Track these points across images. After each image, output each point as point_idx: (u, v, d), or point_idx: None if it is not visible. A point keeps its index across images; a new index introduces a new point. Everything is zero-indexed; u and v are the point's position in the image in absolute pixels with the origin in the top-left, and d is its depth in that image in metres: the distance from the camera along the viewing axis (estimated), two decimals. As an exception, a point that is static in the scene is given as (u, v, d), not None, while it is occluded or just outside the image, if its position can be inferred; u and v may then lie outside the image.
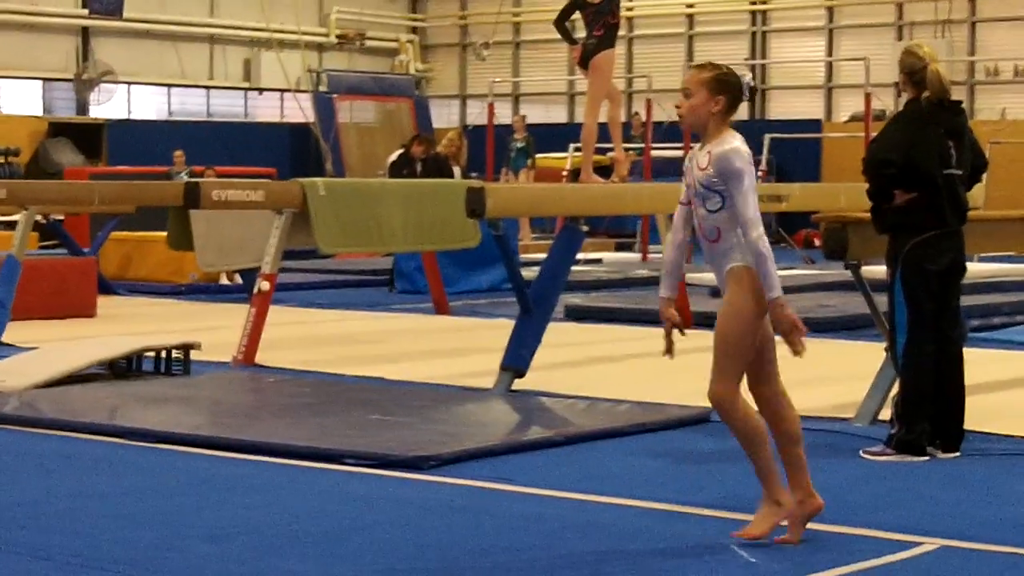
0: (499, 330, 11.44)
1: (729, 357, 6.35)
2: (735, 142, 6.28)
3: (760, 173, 26.24)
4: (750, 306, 6.26)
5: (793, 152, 29.41)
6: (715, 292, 16.81)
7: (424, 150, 21.71)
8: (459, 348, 13.13)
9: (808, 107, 34.92)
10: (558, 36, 14.11)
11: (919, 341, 8.23)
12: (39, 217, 16.29)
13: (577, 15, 13.89)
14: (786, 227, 27.28)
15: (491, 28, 36.97)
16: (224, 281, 18.81)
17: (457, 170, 21.05)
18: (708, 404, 9.46)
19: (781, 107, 35.46)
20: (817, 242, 26.22)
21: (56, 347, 11.73)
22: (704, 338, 13.37)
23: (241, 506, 7.04)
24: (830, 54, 34.85)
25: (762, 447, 6.33)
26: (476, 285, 18.32)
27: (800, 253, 25.03)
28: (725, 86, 6.35)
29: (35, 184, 19.44)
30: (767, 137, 27.44)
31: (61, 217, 19.15)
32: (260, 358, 11.94)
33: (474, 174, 23.76)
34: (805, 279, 18.54)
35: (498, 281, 17.90)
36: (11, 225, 20.25)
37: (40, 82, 33.40)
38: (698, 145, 6.42)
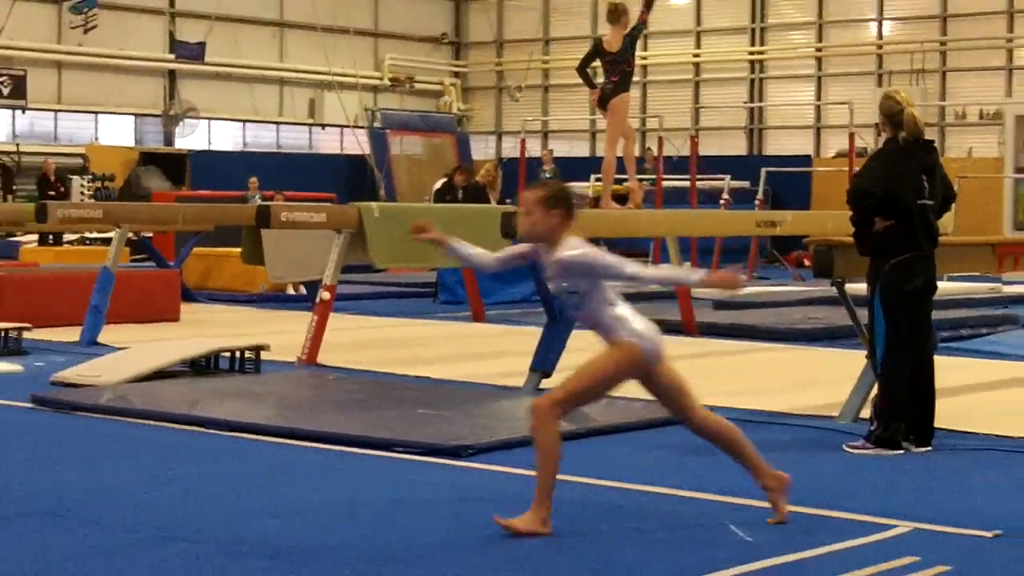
0: (529, 336, 11.45)
1: (581, 393, 6.25)
2: (576, 246, 6.15)
3: (757, 202, 26.15)
4: (618, 371, 6.18)
5: (786, 184, 29.31)
6: (718, 305, 16.82)
7: (465, 179, 21.73)
8: (494, 352, 13.13)
9: (799, 144, 34.86)
10: (581, 81, 14.12)
11: (896, 350, 8.22)
12: (131, 234, 16.33)
13: (597, 62, 13.93)
14: (780, 249, 27.23)
15: (523, 74, 37.01)
16: (290, 291, 18.85)
17: (493, 197, 21.07)
18: (708, 403, 9.49)
19: (776, 144, 35.42)
20: (807, 262, 26.11)
21: (145, 347, 11.75)
22: (706, 345, 13.43)
23: (303, 488, 7.05)
24: (819, 98, 34.79)
25: (550, 465, 6.18)
26: (509, 297, 18.31)
27: (792, 271, 24.95)
28: (557, 201, 6.23)
29: (128, 206, 19.53)
30: (764, 170, 27.31)
31: (150, 234, 19.20)
32: (321, 359, 11.95)
33: (508, 200, 23.75)
34: (796, 295, 18.50)
35: (528, 294, 17.87)
36: (107, 241, 20.32)
37: (133, 117, 33.52)
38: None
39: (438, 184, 22.58)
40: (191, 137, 34.16)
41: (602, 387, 6.26)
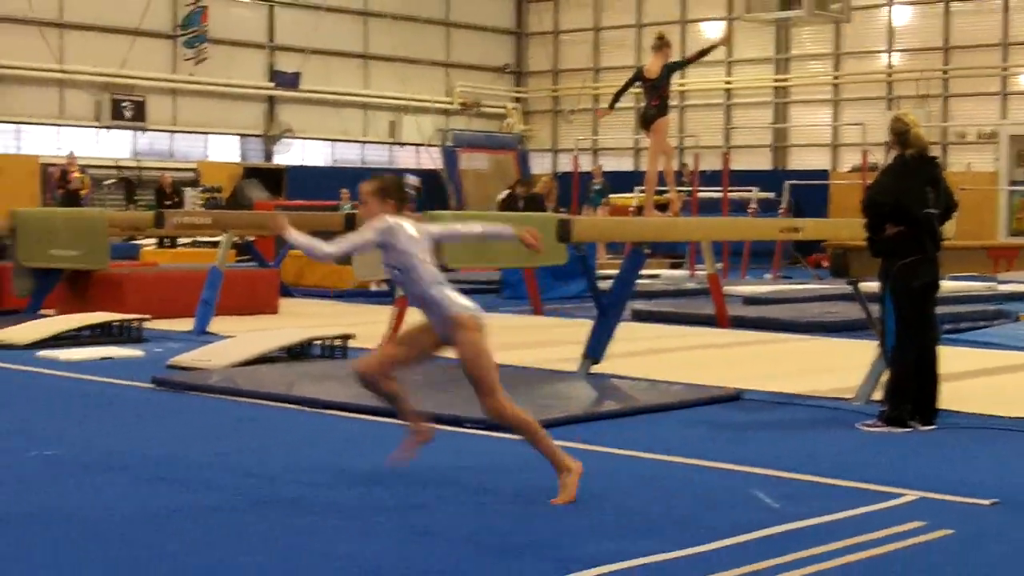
0: (581, 327, 11.43)
1: (486, 377, 6.14)
2: (399, 220, 6.18)
3: (781, 211, 26.00)
4: (477, 337, 6.13)
5: (807, 195, 29.10)
6: (748, 301, 16.75)
7: (525, 191, 21.73)
8: (550, 340, 13.12)
9: (818, 160, 34.63)
10: (628, 105, 14.11)
11: (904, 340, 8.16)
12: (236, 238, 16.43)
13: (637, 88, 13.94)
14: (802, 251, 27.06)
15: (576, 99, 36.96)
16: (373, 288, 18.88)
17: (549, 206, 21.05)
18: (738, 386, 9.47)
19: (798, 160, 35.20)
20: (825, 264, 25.99)
21: (248, 336, 11.81)
22: (737, 336, 13.35)
23: (376, 457, 7.05)
24: (835, 120, 34.59)
25: (538, 433, 6.13)
26: (564, 293, 18.28)
27: (812, 272, 24.79)
28: (389, 192, 6.27)
29: (233, 213, 19.62)
30: (787, 183, 27.16)
31: (253, 238, 19.29)
32: (400, 346, 11.95)
33: (562, 209, 23.72)
34: (815, 292, 18.39)
35: (581, 290, 17.85)
36: (215, 244, 20.44)
37: (238, 137, 33.70)
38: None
39: (502, 195, 22.60)
40: (287, 154, 34.30)
41: (484, 349, 6.15)
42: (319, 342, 11.46)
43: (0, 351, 11.63)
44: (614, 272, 11.91)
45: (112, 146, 31.02)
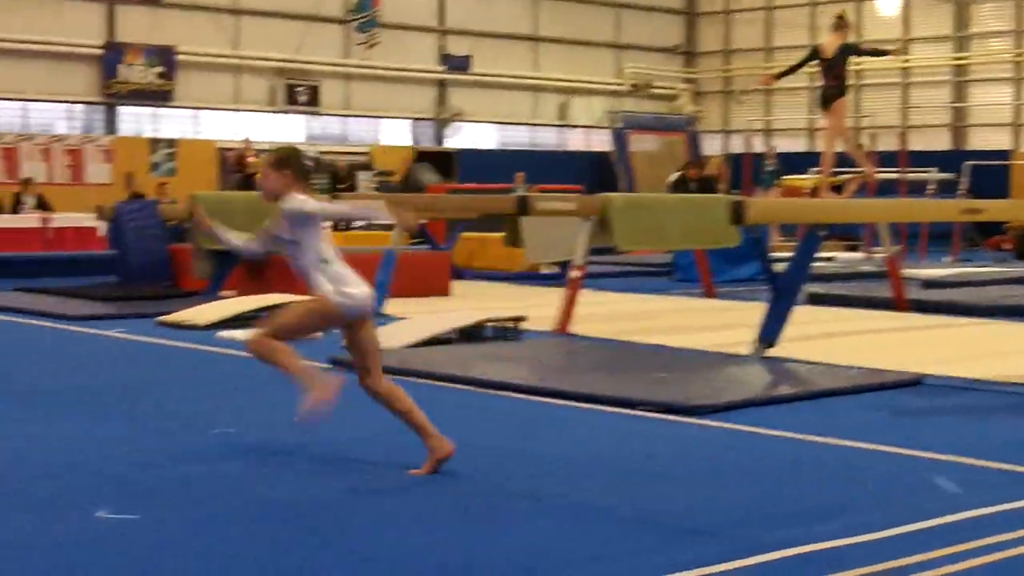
0: (754, 311, 11.33)
1: (283, 328, 6.33)
2: (297, 199, 6.19)
3: (961, 192, 25.44)
4: (311, 318, 6.33)
5: (987, 175, 28.41)
6: (927, 284, 16.44)
7: (696, 173, 21.60)
8: (722, 324, 13.02)
9: (1000, 140, 33.80)
10: (802, 85, 13.98)
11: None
12: (408, 221, 16.58)
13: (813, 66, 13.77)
14: (981, 233, 26.45)
15: (747, 79, 36.58)
16: (544, 270, 18.95)
17: (721, 188, 20.90)
18: (918, 371, 9.30)
19: (978, 140, 34.40)
20: (1006, 246, 25.38)
21: (422, 318, 11.94)
22: (916, 320, 13.10)
23: (557, 440, 7.10)
24: (1018, 98, 33.70)
25: (282, 353, 6.27)
26: (737, 275, 18.12)
27: (991, 254, 24.23)
28: (285, 163, 6.26)
29: (406, 196, 19.84)
30: (967, 164, 26.56)
31: (425, 221, 19.48)
32: (572, 329, 12.01)
33: (735, 191, 23.53)
34: (997, 275, 17.98)
35: (753, 273, 17.70)
36: (388, 227, 20.69)
37: (409, 121, 34.08)
38: None
39: (673, 177, 22.49)
40: (457, 137, 34.59)
41: (300, 327, 6.37)
42: (491, 324, 11.54)
43: (182, 331, 11.97)
44: (787, 255, 11.78)
45: (287, 130, 31.61)
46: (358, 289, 6.28)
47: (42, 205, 23.72)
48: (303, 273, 6.29)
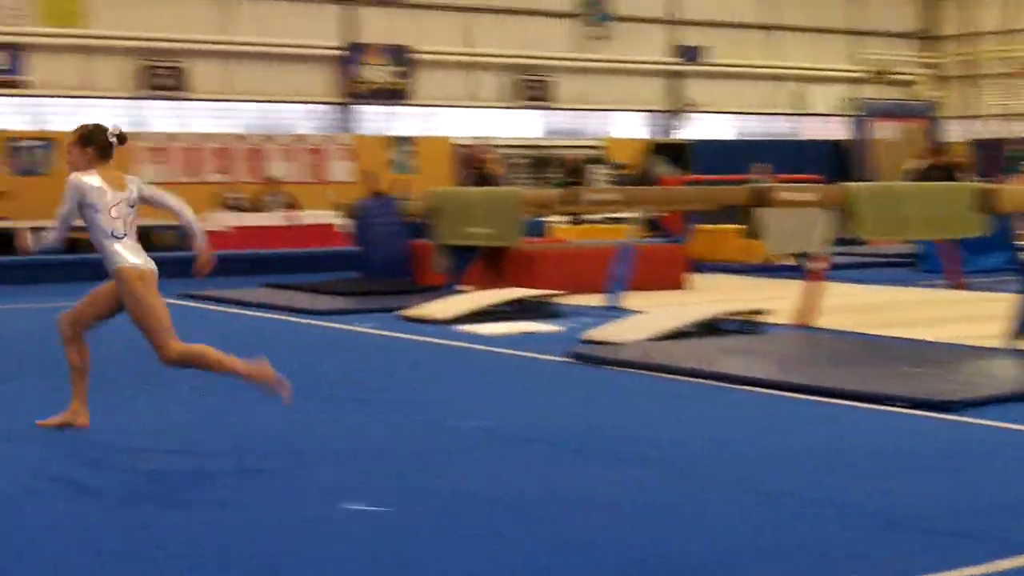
0: (1005, 303, 10.98)
1: (150, 327, 6.58)
2: (84, 176, 6.63)
3: None
4: (137, 290, 6.55)
5: None
6: None
7: (936, 160, 21.06)
8: (971, 316, 12.64)
9: None
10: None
11: None
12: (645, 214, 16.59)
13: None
14: None
15: (990, 63, 35.46)
16: (783, 262, 18.69)
17: (964, 175, 20.31)
18: None
19: None
20: None
21: (660, 311, 11.92)
22: None
23: (799, 435, 7.01)
24: None
25: (217, 357, 6.59)
26: (982, 266, 17.54)
27: None
28: (88, 140, 6.67)
29: (642, 190, 19.81)
30: None
31: (660, 214, 19.44)
32: (814, 322, 11.82)
33: (976, 178, 22.82)
34: None
35: (1001, 263, 17.16)
36: (617, 220, 20.81)
37: (642, 113, 34.02)
38: None
39: (911, 164, 21.98)
40: (691, 128, 34.40)
41: (146, 302, 6.55)
42: (731, 317, 11.44)
43: (425, 326, 12.20)
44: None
45: (522, 125, 31.89)
46: (141, 259, 6.67)
47: (290, 204, 24.50)
48: (98, 247, 6.68)
